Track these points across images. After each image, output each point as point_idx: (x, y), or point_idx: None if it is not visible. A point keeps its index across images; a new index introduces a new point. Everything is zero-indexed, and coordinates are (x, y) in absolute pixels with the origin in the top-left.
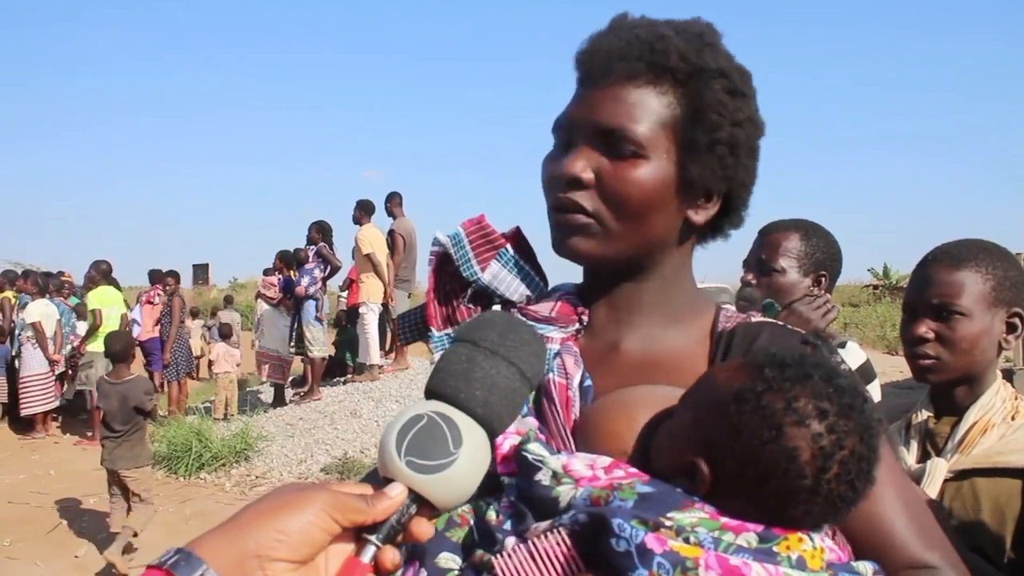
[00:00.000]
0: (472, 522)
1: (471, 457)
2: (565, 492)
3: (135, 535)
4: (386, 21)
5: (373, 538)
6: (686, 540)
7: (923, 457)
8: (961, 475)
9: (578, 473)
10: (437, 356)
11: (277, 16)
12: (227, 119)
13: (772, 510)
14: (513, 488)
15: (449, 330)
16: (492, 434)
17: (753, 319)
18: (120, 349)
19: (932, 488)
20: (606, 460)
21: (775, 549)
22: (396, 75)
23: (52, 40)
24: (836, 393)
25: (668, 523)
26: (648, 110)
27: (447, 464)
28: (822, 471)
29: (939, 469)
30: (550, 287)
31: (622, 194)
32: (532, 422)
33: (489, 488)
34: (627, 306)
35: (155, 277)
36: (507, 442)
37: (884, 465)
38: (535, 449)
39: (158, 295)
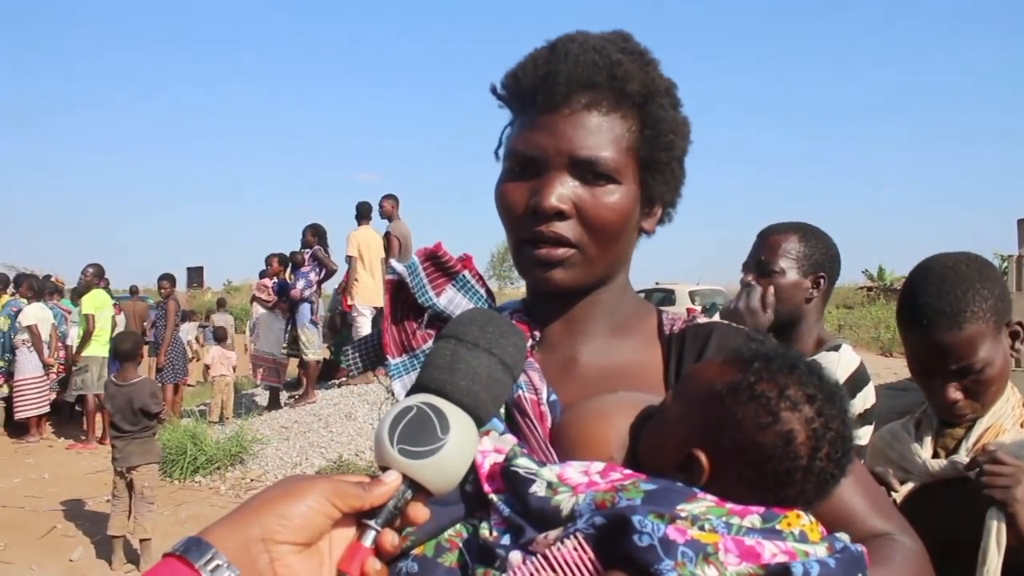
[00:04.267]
0: (461, 544)
1: (459, 442)
2: (565, 500)
3: (149, 539)
4: (383, 20)
5: (373, 523)
6: (701, 528)
7: (934, 456)
8: None
9: (574, 480)
10: (394, 384)
11: (270, 15)
12: (222, 121)
13: (769, 491)
14: (504, 504)
15: (405, 357)
16: (478, 420)
17: (699, 320)
18: (128, 348)
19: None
20: (600, 465)
21: (778, 527)
22: (394, 75)
23: (49, 38)
24: (820, 381)
25: (683, 514)
26: (616, 136)
27: (436, 449)
28: (815, 451)
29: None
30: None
31: (603, 221)
32: (511, 439)
33: (476, 507)
34: (582, 319)
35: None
36: (488, 460)
37: None
38: (524, 463)
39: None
